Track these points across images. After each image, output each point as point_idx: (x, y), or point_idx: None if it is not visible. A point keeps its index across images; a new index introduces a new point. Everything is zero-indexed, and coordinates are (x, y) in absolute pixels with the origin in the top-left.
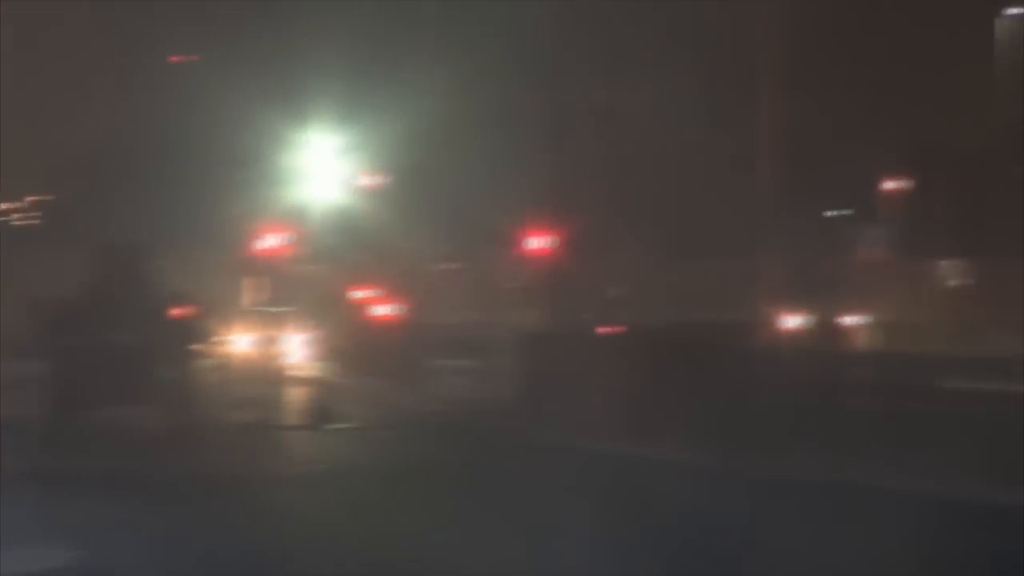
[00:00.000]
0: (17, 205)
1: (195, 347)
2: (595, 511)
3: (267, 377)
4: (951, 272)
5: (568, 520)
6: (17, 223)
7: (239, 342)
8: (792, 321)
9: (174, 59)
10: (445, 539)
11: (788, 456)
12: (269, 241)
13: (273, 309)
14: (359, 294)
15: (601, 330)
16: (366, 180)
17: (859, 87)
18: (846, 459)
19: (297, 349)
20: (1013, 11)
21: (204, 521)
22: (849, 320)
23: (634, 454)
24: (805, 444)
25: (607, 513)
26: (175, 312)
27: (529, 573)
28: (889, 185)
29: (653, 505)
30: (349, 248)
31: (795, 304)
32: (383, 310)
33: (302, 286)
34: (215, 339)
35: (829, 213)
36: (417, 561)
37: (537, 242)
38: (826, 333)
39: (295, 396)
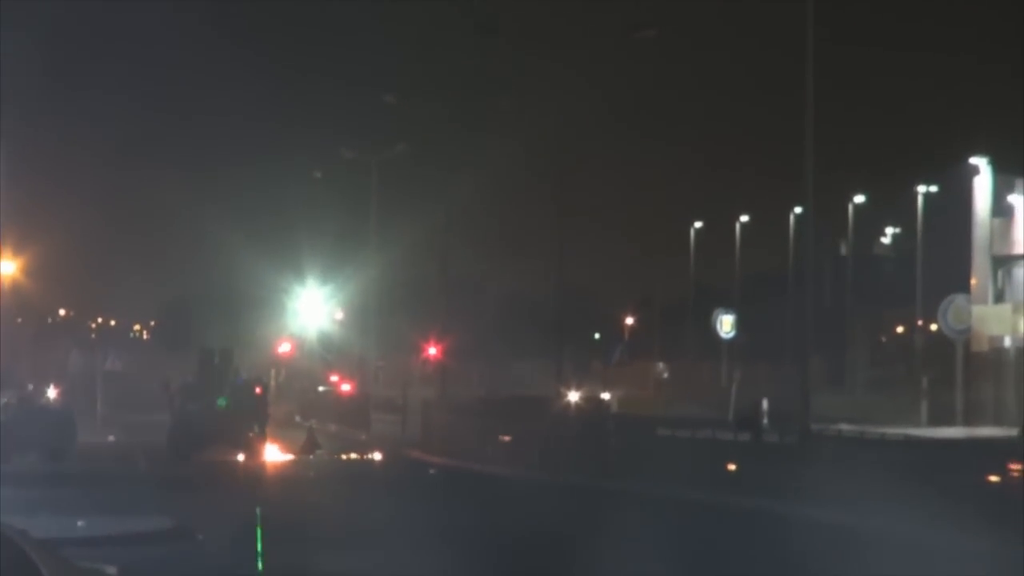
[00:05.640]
0: (142, 326)
1: (267, 410)
2: (445, 499)
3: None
4: (660, 369)
5: (434, 501)
6: (143, 337)
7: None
8: (573, 395)
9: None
10: (380, 507)
11: (569, 469)
12: (284, 347)
13: (295, 385)
14: (333, 378)
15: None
16: (337, 314)
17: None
18: (605, 473)
19: (302, 409)
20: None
21: (251, 504)
22: (605, 395)
23: (482, 471)
24: (581, 463)
25: (453, 496)
26: (258, 389)
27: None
28: (628, 321)
29: (479, 493)
30: (327, 352)
31: (575, 385)
32: (345, 387)
33: (302, 374)
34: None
35: (596, 335)
36: (366, 511)
37: (432, 349)
38: (592, 403)
39: (300, 436)
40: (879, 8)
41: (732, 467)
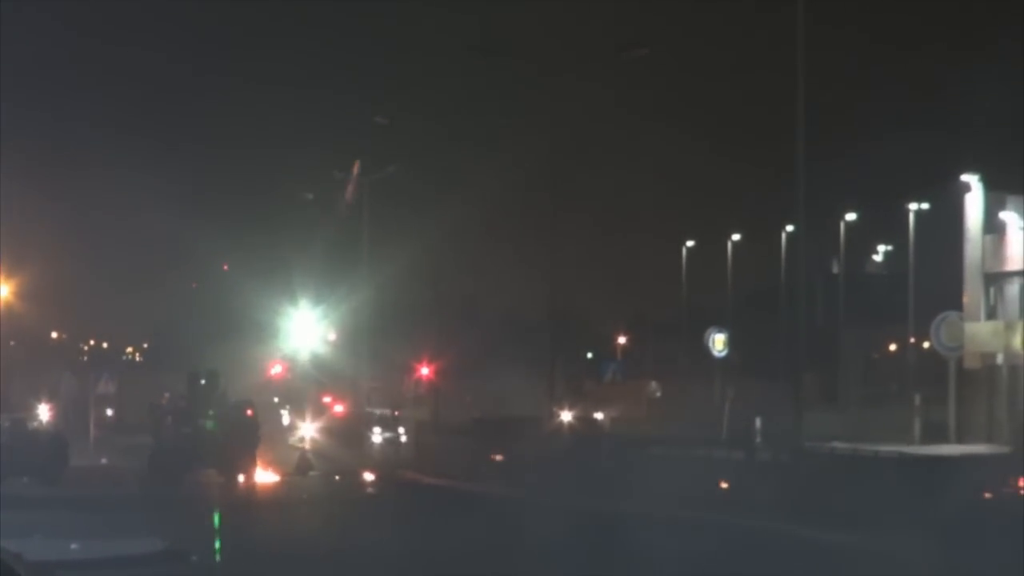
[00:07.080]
0: (135, 348)
1: (258, 432)
2: (434, 511)
3: (283, 444)
4: (653, 388)
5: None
6: (136, 359)
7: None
8: (565, 415)
9: (224, 267)
10: (371, 527)
11: (562, 489)
12: (276, 369)
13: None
14: (326, 398)
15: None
16: (330, 335)
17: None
18: (592, 493)
19: (296, 429)
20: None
21: (241, 524)
22: (598, 415)
23: (466, 488)
24: (574, 483)
25: (444, 516)
26: (249, 411)
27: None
28: (620, 340)
29: (471, 513)
30: (321, 373)
31: (568, 405)
32: (339, 407)
33: (295, 394)
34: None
35: (589, 355)
36: (357, 531)
37: (424, 370)
38: (585, 422)
39: (294, 456)
40: (871, 26)
41: (725, 485)
